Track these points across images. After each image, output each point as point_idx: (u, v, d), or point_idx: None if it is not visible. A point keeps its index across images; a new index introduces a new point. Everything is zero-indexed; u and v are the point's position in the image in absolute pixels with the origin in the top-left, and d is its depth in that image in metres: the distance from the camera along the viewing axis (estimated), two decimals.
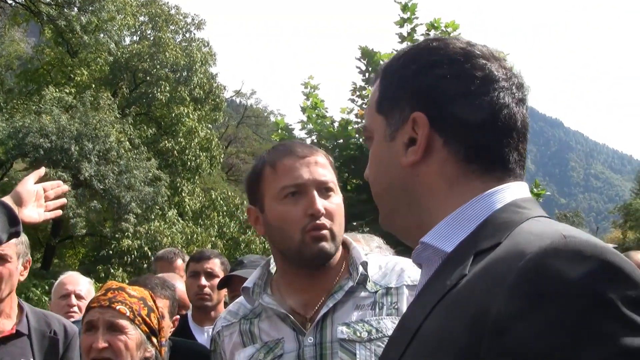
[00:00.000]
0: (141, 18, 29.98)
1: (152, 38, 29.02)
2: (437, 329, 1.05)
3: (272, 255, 2.29)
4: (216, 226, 28.70)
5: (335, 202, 2.14)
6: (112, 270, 22.38)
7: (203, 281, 4.13)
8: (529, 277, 0.96)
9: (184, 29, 31.59)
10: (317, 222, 2.06)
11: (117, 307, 2.46)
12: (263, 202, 2.17)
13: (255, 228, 2.29)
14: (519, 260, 0.98)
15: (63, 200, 2.92)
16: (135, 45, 28.68)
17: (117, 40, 27.61)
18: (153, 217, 24.69)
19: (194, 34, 31.80)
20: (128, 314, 2.47)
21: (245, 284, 2.24)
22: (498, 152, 1.23)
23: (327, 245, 2.07)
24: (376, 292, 2.13)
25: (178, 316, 3.50)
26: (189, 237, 25.65)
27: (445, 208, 1.22)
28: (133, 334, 2.46)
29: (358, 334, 2.05)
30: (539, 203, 1.26)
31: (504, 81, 1.24)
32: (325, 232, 2.07)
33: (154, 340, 2.56)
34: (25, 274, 3.37)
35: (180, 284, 4.14)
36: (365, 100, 10.90)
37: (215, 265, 4.21)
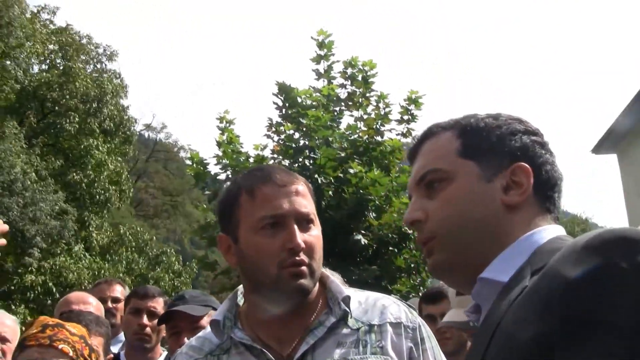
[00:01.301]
0: (51, 46, 29.30)
1: (61, 67, 28.38)
2: (507, 332, 1.18)
3: (240, 287, 2.15)
4: (124, 262, 28.09)
5: (314, 235, 2.00)
6: (13, 307, 21.43)
7: (145, 320, 3.88)
8: (593, 244, 1.10)
9: (95, 59, 31.10)
10: (296, 258, 1.93)
11: (60, 347, 2.26)
12: (237, 231, 2.03)
13: (226, 258, 2.13)
14: (577, 246, 1.13)
15: (2, 241, 2.67)
16: (44, 73, 27.97)
17: (25, 68, 26.86)
18: (59, 251, 23.92)
19: (106, 64, 31.35)
20: (71, 353, 2.27)
21: (214, 317, 2.06)
22: (555, 200, 1.50)
23: (305, 281, 1.94)
24: (358, 329, 2.00)
25: (112, 355, 3.34)
26: (96, 272, 24.91)
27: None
28: None
29: None
30: None
31: (548, 149, 1.53)
32: (304, 268, 1.94)
33: None
34: None
35: (94, 301, 4.02)
36: (282, 136, 10.93)
37: (159, 304, 3.96)
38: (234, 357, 2.00)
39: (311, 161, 10.41)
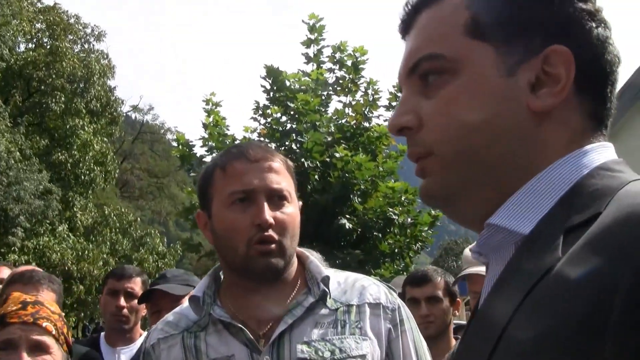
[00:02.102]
0: (38, 25, 29.07)
1: (48, 46, 28.17)
2: (533, 333, 0.79)
3: (219, 264, 2.13)
4: (108, 243, 28.05)
5: (287, 212, 1.97)
6: None
7: (122, 302, 3.85)
8: None
9: (82, 39, 30.89)
10: (265, 234, 1.91)
11: (44, 325, 2.23)
12: (211, 207, 2.02)
13: (205, 235, 2.11)
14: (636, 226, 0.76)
15: None
16: (31, 52, 27.74)
17: (11, 46, 26.60)
18: (42, 231, 23.82)
19: (93, 45, 31.18)
20: (53, 332, 2.25)
21: (193, 293, 2.03)
22: (608, 110, 1.05)
23: (274, 260, 1.92)
24: (337, 309, 1.99)
25: (62, 313, 3.39)
26: (80, 253, 24.89)
27: None
28: (57, 355, 2.25)
29: (320, 354, 1.90)
30: None
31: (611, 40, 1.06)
32: (272, 246, 1.91)
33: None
34: None
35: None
36: (269, 119, 10.93)
37: (137, 284, 3.92)
38: (211, 335, 1.98)
39: (298, 145, 10.41)
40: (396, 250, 10.42)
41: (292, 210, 2.00)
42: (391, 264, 10.36)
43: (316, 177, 10.21)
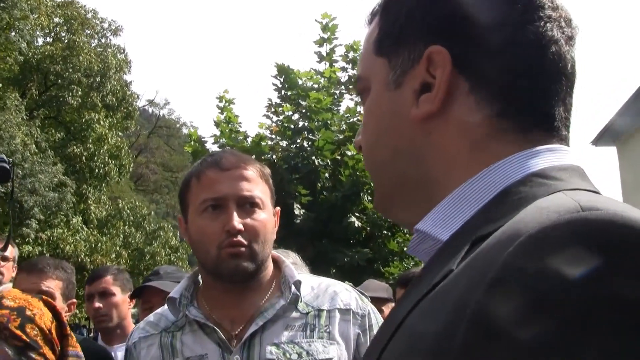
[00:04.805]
0: (56, 19, 29.23)
1: (66, 41, 28.31)
2: (415, 326, 0.79)
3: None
4: (121, 236, 28.22)
5: (259, 219, 2.04)
6: None
7: (96, 304, 3.96)
8: (511, 272, 0.67)
9: (99, 34, 31.03)
10: (234, 239, 1.98)
11: None
12: (187, 213, 2.12)
13: (185, 238, 2.20)
14: (509, 245, 0.69)
15: None
16: (48, 46, 27.90)
17: (29, 40, 26.81)
18: (57, 223, 24.00)
19: (110, 39, 31.32)
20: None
21: (171, 294, 2.13)
22: (541, 104, 0.91)
23: (244, 263, 1.99)
24: (308, 313, 2.06)
25: (75, 300, 3.44)
26: (93, 245, 25.08)
27: (460, 182, 0.91)
28: None
29: (287, 356, 1.97)
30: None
31: (550, 10, 0.92)
32: (242, 249, 1.99)
33: (33, 354, 2.29)
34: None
35: None
36: (281, 117, 11.00)
37: (108, 282, 4.04)
38: (187, 334, 2.07)
39: (309, 143, 10.46)
40: (405, 249, 10.44)
41: (263, 216, 2.07)
42: (400, 262, 10.39)
43: (327, 175, 10.26)
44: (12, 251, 4.59)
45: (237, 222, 1.99)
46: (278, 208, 2.19)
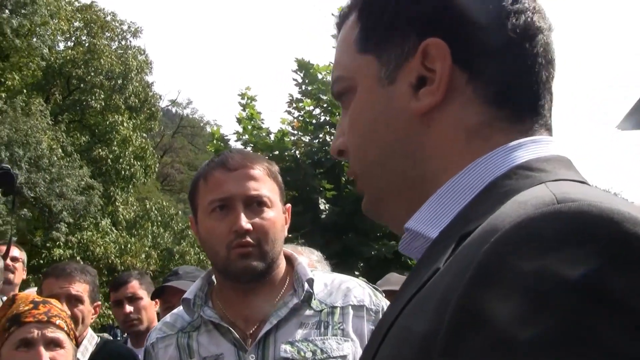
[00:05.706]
0: (76, 24, 29.42)
1: (86, 44, 28.51)
2: (405, 326, 0.80)
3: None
4: (150, 236, 28.37)
5: (267, 218, 2.04)
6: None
7: (127, 308, 4.07)
8: (487, 269, 0.67)
9: (119, 36, 31.16)
10: (242, 239, 1.98)
11: (57, 322, 2.38)
12: (197, 214, 2.13)
13: (196, 238, 2.22)
14: (487, 242, 0.69)
15: None
16: (70, 51, 28.09)
17: (50, 45, 27.01)
18: (86, 226, 24.21)
19: (130, 41, 31.42)
20: (65, 328, 2.40)
21: (185, 295, 2.14)
22: (533, 93, 0.93)
23: (254, 262, 1.99)
24: (321, 310, 2.06)
25: (99, 302, 3.50)
26: (123, 247, 25.26)
27: (453, 174, 0.91)
28: (70, 349, 2.40)
29: (302, 354, 1.98)
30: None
31: (532, 1, 0.95)
32: (250, 249, 1.99)
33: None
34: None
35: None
36: (302, 112, 10.98)
37: (135, 287, 4.15)
38: (203, 334, 2.09)
39: (332, 137, 10.45)
40: None
41: (272, 215, 2.06)
42: None
43: None
44: (20, 253, 4.68)
45: (245, 222, 2.00)
46: (289, 205, 2.19)
